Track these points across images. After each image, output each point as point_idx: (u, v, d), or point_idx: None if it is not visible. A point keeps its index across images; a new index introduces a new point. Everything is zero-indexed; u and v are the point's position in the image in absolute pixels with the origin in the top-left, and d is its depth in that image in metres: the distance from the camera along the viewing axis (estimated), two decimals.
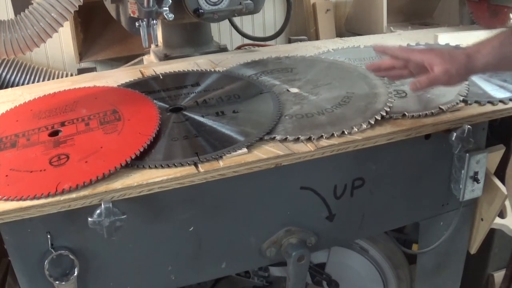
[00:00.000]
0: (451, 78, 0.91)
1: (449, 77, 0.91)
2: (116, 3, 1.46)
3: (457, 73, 0.91)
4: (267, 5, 2.18)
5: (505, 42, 0.87)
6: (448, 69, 0.91)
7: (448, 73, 0.91)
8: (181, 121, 0.98)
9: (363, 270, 1.34)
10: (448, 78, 0.91)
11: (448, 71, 0.91)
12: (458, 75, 0.91)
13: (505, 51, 0.87)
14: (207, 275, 1.02)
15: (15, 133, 0.96)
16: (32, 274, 0.84)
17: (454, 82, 0.94)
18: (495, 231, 1.35)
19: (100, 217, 0.78)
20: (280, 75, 1.21)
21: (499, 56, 0.88)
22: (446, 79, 0.92)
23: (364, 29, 1.95)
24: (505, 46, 0.87)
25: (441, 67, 0.91)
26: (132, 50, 1.91)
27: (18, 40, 1.20)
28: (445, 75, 0.91)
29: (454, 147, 1.02)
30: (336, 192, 1.01)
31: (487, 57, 0.88)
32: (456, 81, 0.94)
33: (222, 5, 1.35)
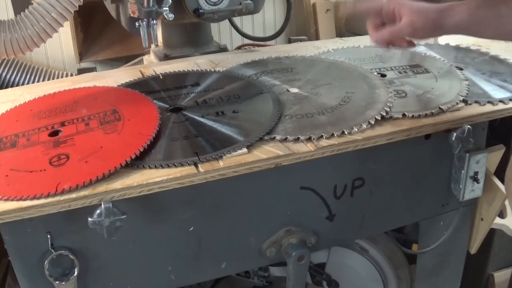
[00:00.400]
0: (415, 31, 0.89)
1: (413, 29, 0.89)
2: (116, 3, 1.46)
3: (423, 26, 0.88)
4: (267, 5, 2.18)
5: (481, 5, 0.83)
6: (414, 21, 0.88)
7: (413, 26, 0.88)
8: (181, 121, 0.98)
9: (363, 270, 1.34)
10: (413, 30, 0.89)
11: (413, 23, 0.88)
12: (424, 29, 0.88)
13: (480, 14, 0.83)
14: (207, 275, 1.02)
15: (15, 133, 0.96)
16: (32, 274, 0.84)
17: (420, 35, 0.91)
18: (495, 231, 1.35)
19: (100, 217, 0.78)
20: (280, 75, 1.21)
21: (473, 19, 0.84)
22: (410, 31, 0.89)
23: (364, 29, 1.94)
24: (481, 9, 0.83)
25: (406, 18, 0.89)
26: (132, 50, 1.91)
27: (18, 40, 1.20)
28: (409, 27, 0.89)
29: (454, 147, 1.02)
30: (336, 192, 1.01)
31: (460, 15, 0.85)
32: (421, 35, 0.91)
33: (222, 5, 1.35)
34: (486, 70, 1.22)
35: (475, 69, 1.23)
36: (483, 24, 0.84)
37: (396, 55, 1.30)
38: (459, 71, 1.19)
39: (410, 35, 0.91)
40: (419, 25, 0.88)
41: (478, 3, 0.84)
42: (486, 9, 0.83)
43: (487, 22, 0.84)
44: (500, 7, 0.82)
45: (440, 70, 1.20)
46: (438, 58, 1.28)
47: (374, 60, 1.30)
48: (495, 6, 0.82)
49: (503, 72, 1.21)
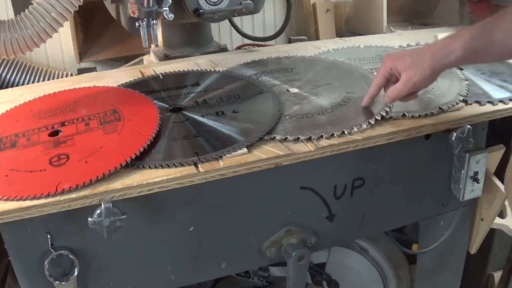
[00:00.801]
0: (415, 85, 0.90)
1: (413, 84, 0.90)
2: (116, 3, 1.46)
3: (421, 78, 0.89)
4: (267, 5, 2.18)
5: (475, 36, 0.84)
6: (411, 77, 0.89)
7: (411, 81, 0.89)
8: (181, 121, 0.98)
9: (363, 270, 1.34)
10: (412, 85, 0.90)
11: (411, 79, 0.89)
12: (423, 80, 0.89)
13: (475, 45, 0.84)
14: (207, 275, 1.02)
15: (15, 133, 0.96)
16: (32, 274, 0.84)
17: (421, 86, 0.92)
18: (495, 231, 1.35)
19: (100, 217, 0.78)
20: (280, 75, 1.21)
21: (470, 51, 0.85)
22: (410, 87, 0.90)
23: (364, 29, 1.95)
24: (475, 40, 0.84)
25: (403, 76, 0.90)
26: (132, 50, 1.91)
27: (18, 40, 1.20)
28: (407, 83, 0.90)
29: (454, 147, 1.02)
30: (336, 192, 1.01)
31: (456, 53, 0.85)
32: (423, 85, 0.92)
33: (222, 5, 1.35)
34: (486, 70, 1.22)
35: (475, 69, 1.23)
36: (480, 54, 0.85)
37: None
38: (459, 71, 1.19)
39: (412, 90, 0.92)
40: (417, 79, 0.89)
41: (472, 36, 0.84)
42: (481, 39, 0.84)
43: (483, 51, 0.85)
44: (493, 34, 0.82)
45: None
46: None
47: (374, 60, 1.30)
48: (489, 34, 0.83)
49: (503, 72, 1.21)
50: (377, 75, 0.98)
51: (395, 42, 1.47)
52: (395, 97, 0.94)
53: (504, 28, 0.81)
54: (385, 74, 0.95)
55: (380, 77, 0.97)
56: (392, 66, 0.93)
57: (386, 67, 0.95)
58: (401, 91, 0.92)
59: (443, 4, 2.04)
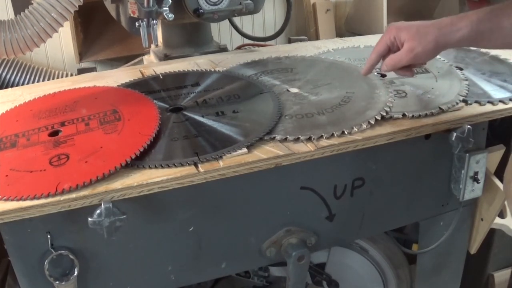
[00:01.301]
0: (417, 56, 0.89)
1: (414, 55, 0.88)
2: (116, 3, 1.46)
3: (424, 50, 0.87)
4: (267, 5, 2.18)
5: (483, 18, 0.83)
6: (414, 47, 0.88)
7: (413, 51, 0.88)
8: (181, 121, 0.98)
9: (363, 270, 1.34)
10: (414, 56, 0.89)
11: (413, 49, 0.88)
12: (425, 52, 0.88)
13: (482, 27, 0.83)
14: (207, 275, 1.02)
15: (15, 133, 0.96)
16: (32, 274, 0.84)
17: (422, 59, 0.91)
18: (495, 231, 1.35)
19: (100, 217, 0.78)
20: (280, 75, 1.21)
21: (475, 32, 0.84)
22: (411, 57, 0.89)
23: (364, 29, 1.95)
24: (483, 23, 0.83)
25: (406, 44, 0.89)
26: (132, 50, 1.91)
27: (18, 40, 1.20)
28: (409, 53, 0.89)
29: (454, 147, 1.02)
30: (336, 192, 1.01)
31: (462, 31, 0.85)
32: (424, 58, 0.91)
33: (222, 5, 1.35)
34: (486, 70, 1.22)
35: (475, 69, 1.23)
36: (485, 36, 0.84)
37: None
38: (459, 71, 1.19)
39: (412, 61, 0.91)
40: (419, 50, 0.88)
41: (479, 17, 0.84)
42: (488, 22, 0.83)
43: (489, 34, 0.84)
44: (502, 19, 0.82)
45: (440, 70, 1.20)
46: (438, 58, 1.27)
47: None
48: (496, 19, 0.83)
49: (503, 72, 1.21)
50: (379, 42, 0.96)
51: None
52: (394, 65, 0.92)
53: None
54: (387, 42, 0.94)
55: (382, 44, 0.95)
56: (395, 35, 0.91)
57: (389, 35, 0.93)
58: (401, 60, 0.90)
59: (443, 4, 2.04)
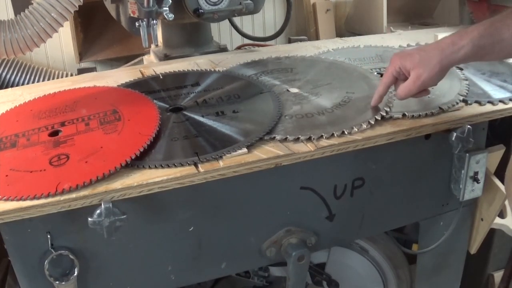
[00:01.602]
0: (424, 82, 0.90)
1: (422, 82, 0.90)
2: (116, 3, 1.46)
3: (430, 75, 0.89)
4: (267, 5, 2.18)
5: (484, 34, 0.85)
6: (420, 74, 0.89)
7: (420, 79, 0.90)
8: (181, 121, 0.98)
9: (363, 270, 1.34)
10: (422, 83, 0.90)
11: (420, 77, 0.90)
12: (432, 77, 0.90)
13: (483, 42, 0.85)
14: (207, 275, 1.02)
15: (15, 133, 0.95)
16: (32, 274, 0.84)
17: (431, 84, 0.92)
18: (495, 231, 1.35)
19: (100, 217, 0.78)
20: (280, 75, 1.21)
21: (477, 48, 0.86)
22: (419, 84, 0.91)
23: (364, 29, 1.95)
24: (484, 38, 0.85)
25: (412, 73, 0.91)
26: (132, 50, 1.91)
27: (18, 40, 1.20)
28: (417, 81, 0.90)
29: (454, 147, 1.02)
30: (336, 192, 1.01)
31: (465, 49, 0.86)
32: (432, 83, 0.92)
33: (222, 5, 1.35)
34: (486, 70, 1.22)
35: (475, 69, 1.23)
36: (487, 50, 0.86)
37: None
38: (459, 71, 1.19)
39: (422, 87, 0.92)
40: (426, 76, 0.89)
41: (480, 33, 0.85)
42: (489, 36, 0.85)
43: (491, 48, 0.85)
44: (502, 32, 0.83)
45: None
46: None
47: (374, 60, 1.30)
48: (497, 32, 0.84)
49: (503, 72, 1.21)
50: (385, 74, 0.98)
51: (395, 42, 1.47)
52: (406, 95, 0.94)
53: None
54: (393, 73, 0.95)
55: (388, 76, 0.97)
56: (400, 65, 0.93)
57: (394, 66, 0.95)
58: (411, 89, 0.92)
59: (443, 4, 2.04)
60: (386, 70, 0.99)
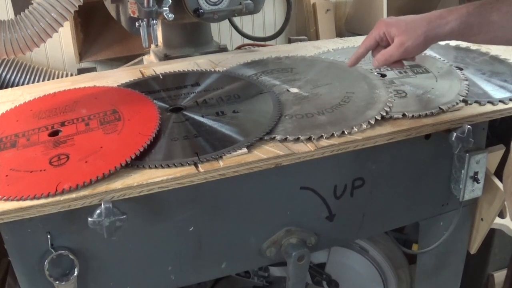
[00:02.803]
0: (407, 50, 0.89)
1: (405, 49, 0.89)
2: (116, 3, 1.46)
3: (414, 44, 0.88)
4: (267, 5, 2.18)
5: (473, 12, 0.84)
6: (404, 42, 0.89)
7: (403, 46, 0.89)
8: (181, 121, 0.98)
9: (363, 270, 1.34)
10: (404, 50, 0.89)
11: (403, 44, 0.89)
12: (415, 46, 0.89)
13: (471, 20, 0.84)
14: (207, 275, 1.02)
15: (15, 133, 0.96)
16: (32, 274, 0.84)
17: (412, 53, 0.92)
18: (495, 231, 1.35)
19: (100, 217, 0.78)
20: (280, 75, 1.21)
21: (465, 25, 0.85)
22: (401, 52, 0.90)
23: (364, 29, 1.95)
24: (472, 16, 0.84)
25: (396, 40, 0.90)
26: (132, 50, 1.91)
27: (18, 40, 1.20)
28: (400, 48, 0.89)
29: (454, 147, 1.02)
30: (336, 192, 1.01)
31: (451, 24, 0.86)
32: (414, 52, 0.92)
33: (222, 5, 1.35)
34: (486, 70, 1.22)
35: (475, 69, 1.23)
36: (474, 30, 0.85)
37: None
38: (459, 71, 1.19)
39: (403, 55, 0.91)
40: (409, 44, 0.89)
41: (469, 11, 0.85)
42: (478, 15, 0.84)
43: (478, 28, 0.85)
44: (491, 13, 0.83)
45: (440, 70, 1.20)
46: (438, 58, 1.28)
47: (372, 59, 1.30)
48: (486, 13, 0.83)
49: (503, 72, 1.21)
50: (368, 37, 0.97)
51: None
52: (385, 61, 0.93)
53: (503, 10, 0.81)
54: (376, 37, 0.95)
55: (371, 39, 0.96)
56: (385, 30, 0.92)
57: (378, 31, 0.94)
58: (392, 55, 0.91)
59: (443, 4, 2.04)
60: (369, 33, 0.97)
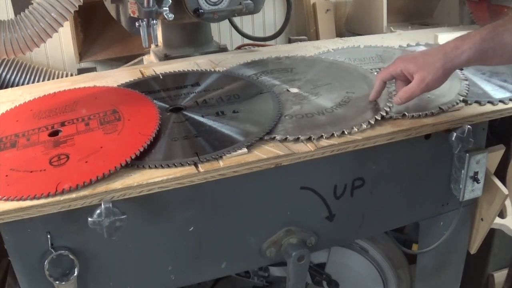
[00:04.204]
0: (428, 85, 0.91)
1: (426, 85, 0.91)
2: (116, 3, 1.46)
3: (433, 78, 0.90)
4: (267, 5, 2.18)
5: (486, 38, 0.86)
6: (424, 77, 0.90)
7: (424, 81, 0.91)
8: (181, 121, 0.98)
9: (363, 270, 1.34)
10: (426, 85, 0.91)
11: (424, 79, 0.91)
12: (435, 80, 0.91)
13: (485, 46, 0.86)
14: (207, 275, 1.02)
15: (15, 133, 0.96)
16: (32, 274, 0.84)
17: (434, 87, 0.93)
18: (495, 231, 1.35)
19: (100, 217, 0.78)
20: (280, 75, 1.21)
21: (480, 52, 0.87)
22: (423, 87, 0.92)
23: (364, 29, 1.95)
24: (486, 42, 0.86)
25: (416, 76, 0.91)
26: (132, 50, 1.91)
27: (18, 40, 1.20)
28: (421, 83, 0.91)
29: (454, 147, 1.02)
30: (336, 192, 1.01)
31: (468, 52, 0.87)
32: (435, 86, 0.93)
33: (222, 5, 1.35)
34: (486, 70, 1.22)
35: (475, 69, 1.23)
36: (490, 55, 0.87)
37: (396, 55, 1.30)
38: (459, 71, 1.19)
39: (425, 90, 0.93)
40: (430, 79, 0.90)
41: (483, 37, 0.86)
42: (491, 41, 0.86)
43: (493, 52, 0.87)
44: (504, 36, 0.85)
45: None
46: None
47: (374, 60, 1.30)
48: (498, 36, 0.85)
49: (503, 72, 1.21)
50: (384, 71, 0.99)
51: (395, 42, 1.47)
52: (408, 98, 0.95)
53: None
54: (392, 73, 0.97)
55: (387, 73, 0.98)
56: (403, 68, 0.94)
57: (396, 67, 0.96)
58: (414, 91, 0.93)
59: (443, 4, 2.04)
60: (385, 68, 0.99)
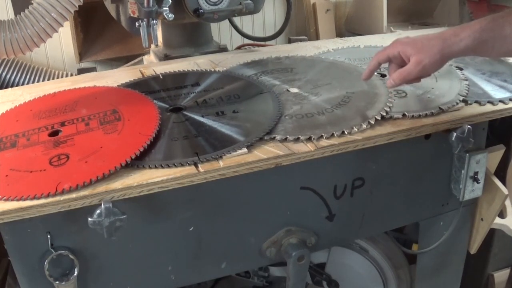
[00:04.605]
0: (425, 68, 0.90)
1: (422, 67, 0.90)
2: (116, 3, 1.46)
3: (431, 62, 0.89)
4: (267, 5, 2.18)
5: (486, 28, 0.86)
6: (421, 60, 0.89)
7: (421, 64, 0.90)
8: (181, 121, 0.98)
9: (363, 270, 1.34)
10: (422, 68, 0.90)
11: (421, 62, 0.90)
12: (432, 64, 0.90)
13: (485, 36, 0.86)
14: (207, 275, 1.02)
15: (15, 133, 0.95)
16: (32, 274, 0.84)
17: (430, 71, 0.92)
18: (495, 231, 1.35)
19: (100, 217, 0.78)
20: (280, 75, 1.21)
21: (478, 41, 0.86)
22: (419, 70, 0.91)
23: (364, 29, 1.95)
24: (485, 31, 0.86)
25: (413, 58, 0.90)
26: (132, 50, 1.91)
27: (18, 40, 1.20)
28: (417, 66, 0.90)
29: (454, 147, 1.02)
30: (336, 192, 1.01)
31: (466, 40, 0.87)
32: (431, 70, 0.92)
33: (222, 5, 1.35)
34: (486, 70, 1.22)
35: (475, 69, 1.23)
36: (488, 45, 0.86)
37: None
38: (459, 71, 1.19)
39: (421, 73, 0.92)
40: (427, 62, 0.90)
41: (482, 26, 0.86)
42: (490, 31, 0.85)
43: (492, 43, 0.86)
44: (504, 28, 0.84)
45: (440, 70, 1.20)
46: None
47: None
48: (498, 28, 0.85)
49: (503, 72, 1.21)
50: (381, 52, 0.98)
51: None
52: (403, 79, 0.94)
53: None
54: (389, 54, 0.95)
55: (384, 55, 0.97)
56: (400, 50, 0.93)
57: (393, 49, 0.95)
58: (410, 73, 0.92)
59: (443, 4, 2.04)
60: (382, 49, 0.98)
